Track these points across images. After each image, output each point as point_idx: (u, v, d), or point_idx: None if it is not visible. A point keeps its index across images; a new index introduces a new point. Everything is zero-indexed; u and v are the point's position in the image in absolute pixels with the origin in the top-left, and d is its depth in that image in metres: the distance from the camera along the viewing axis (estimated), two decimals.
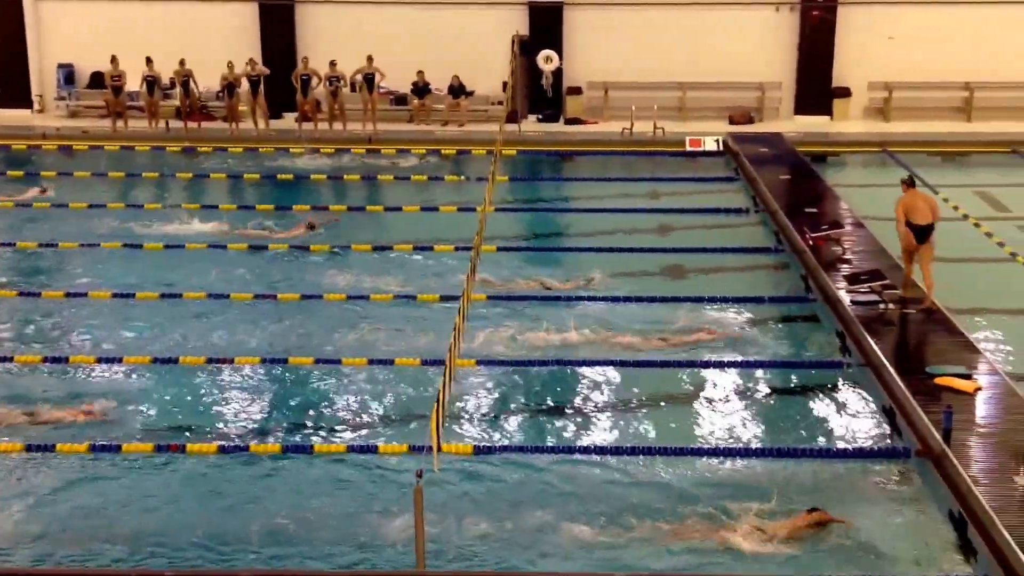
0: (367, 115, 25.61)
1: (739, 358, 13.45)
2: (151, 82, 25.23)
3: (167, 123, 25.61)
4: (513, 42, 24.40)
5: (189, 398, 12.44)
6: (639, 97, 26.07)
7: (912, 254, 14.07)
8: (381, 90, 26.31)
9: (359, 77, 25.53)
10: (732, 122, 26.45)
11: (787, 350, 13.81)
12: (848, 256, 16.21)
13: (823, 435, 11.71)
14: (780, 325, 14.63)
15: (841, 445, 11.45)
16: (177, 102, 26.01)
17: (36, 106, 27.35)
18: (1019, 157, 23.93)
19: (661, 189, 21.71)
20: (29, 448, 11.03)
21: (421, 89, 26.53)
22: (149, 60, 25.11)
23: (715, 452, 11.26)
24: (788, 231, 17.76)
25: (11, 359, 13.22)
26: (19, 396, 12.31)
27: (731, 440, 11.58)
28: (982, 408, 11.29)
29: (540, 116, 27.09)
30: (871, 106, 27.12)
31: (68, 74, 27.20)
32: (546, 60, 26.82)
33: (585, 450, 11.26)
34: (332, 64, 25.19)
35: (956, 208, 19.81)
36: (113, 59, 25.12)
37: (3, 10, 26.90)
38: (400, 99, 27.11)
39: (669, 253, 17.50)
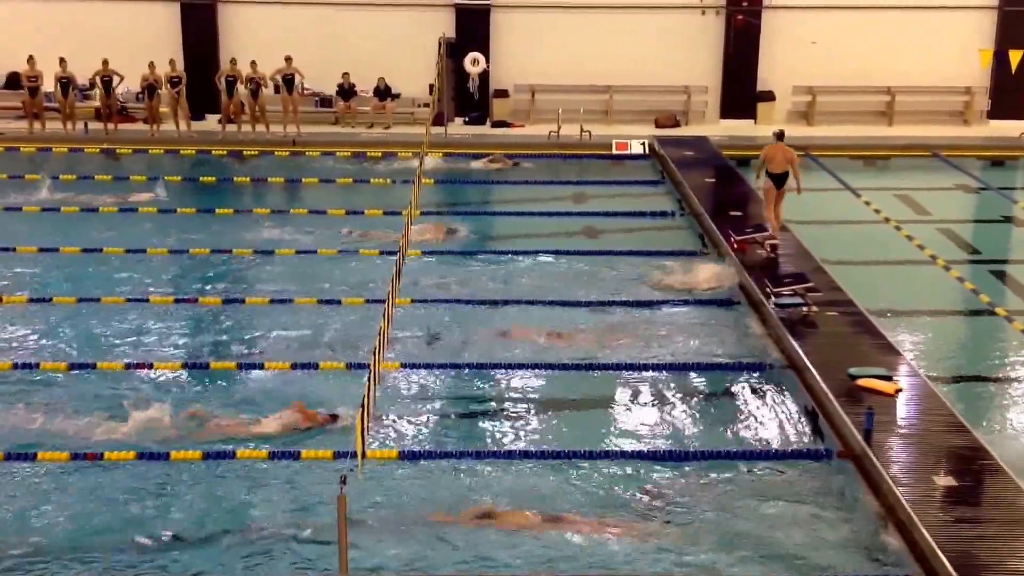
0: (287, 116, 25.30)
1: (663, 360, 13.46)
2: (65, 83, 24.65)
3: (86, 125, 25.04)
4: (440, 44, 24.29)
5: (107, 403, 12.11)
6: (566, 100, 26.15)
7: (771, 197, 17.05)
8: (305, 91, 26.03)
9: (278, 78, 25.21)
10: (658, 125, 26.61)
11: (710, 352, 13.82)
12: (772, 258, 16.31)
13: (745, 436, 11.73)
14: (703, 327, 14.66)
15: (763, 446, 11.48)
16: (96, 103, 25.43)
17: None
18: (939, 161, 24.38)
19: (587, 192, 21.73)
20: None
21: (347, 91, 26.30)
22: (62, 60, 24.52)
23: (638, 455, 11.20)
24: (713, 234, 17.85)
25: None
26: None
27: (655, 442, 11.56)
28: (903, 409, 11.39)
29: (467, 119, 27.00)
30: (795, 110, 27.50)
31: None
32: (473, 63, 26.76)
33: (509, 454, 11.17)
34: (252, 65, 24.84)
35: (878, 211, 20.12)
36: (30, 59, 24.50)
37: None
38: (325, 101, 26.84)
39: (595, 256, 17.51)
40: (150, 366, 12.94)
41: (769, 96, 27.22)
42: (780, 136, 17.51)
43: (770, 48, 27.15)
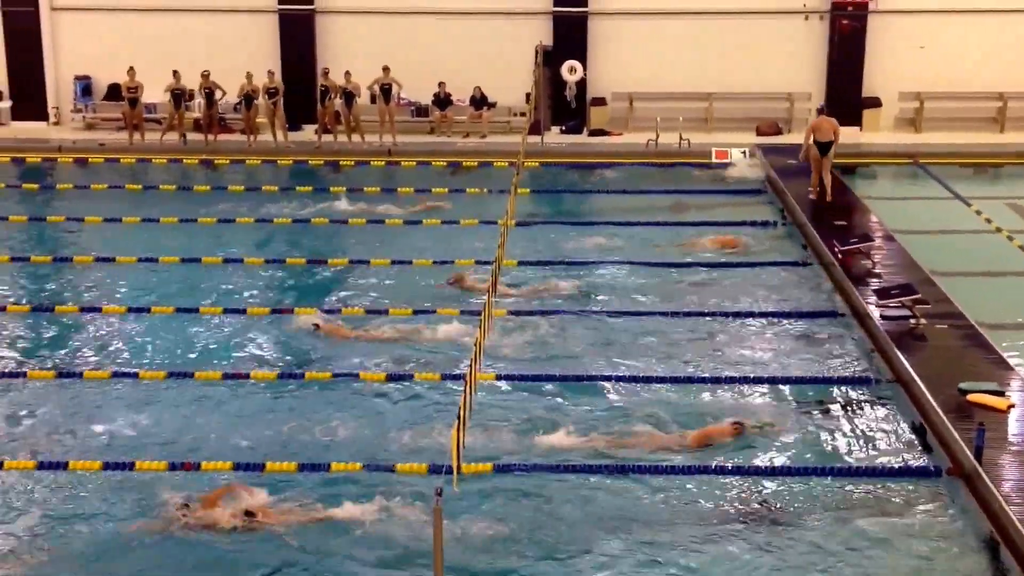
0: (384, 126, 25.34)
1: (765, 374, 13.07)
2: (177, 95, 25.02)
3: (184, 136, 25.41)
4: (537, 52, 24.08)
5: (196, 408, 12.10)
6: (665, 108, 25.74)
7: (818, 163, 19.50)
8: (401, 101, 26.09)
9: (376, 88, 25.28)
10: (760, 133, 26.07)
11: (815, 366, 13.38)
12: (878, 270, 15.81)
13: (850, 452, 11.34)
14: (808, 340, 14.22)
15: (870, 463, 11.07)
16: (196, 114, 25.79)
17: (52, 118, 27.22)
18: None
19: (686, 201, 21.33)
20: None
21: (443, 100, 26.27)
22: (176, 73, 24.90)
23: (741, 471, 10.85)
24: (817, 244, 17.36)
25: (25, 374, 12.92)
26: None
27: (758, 457, 11.19)
28: (1015, 426, 10.93)
29: (563, 128, 26.78)
30: (902, 116, 26.69)
31: (85, 86, 27.06)
32: (570, 71, 26.53)
33: (608, 469, 10.86)
34: (347, 75, 24.94)
35: (989, 221, 19.39)
36: (130, 71, 24.93)
37: (20, 22, 26.81)
38: (421, 110, 26.85)
39: (694, 267, 17.15)
40: (247, 376, 12.91)
41: (875, 102, 26.47)
42: (822, 110, 20.69)
43: (876, 53, 26.43)
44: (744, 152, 24.12)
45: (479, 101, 26.37)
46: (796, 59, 26.59)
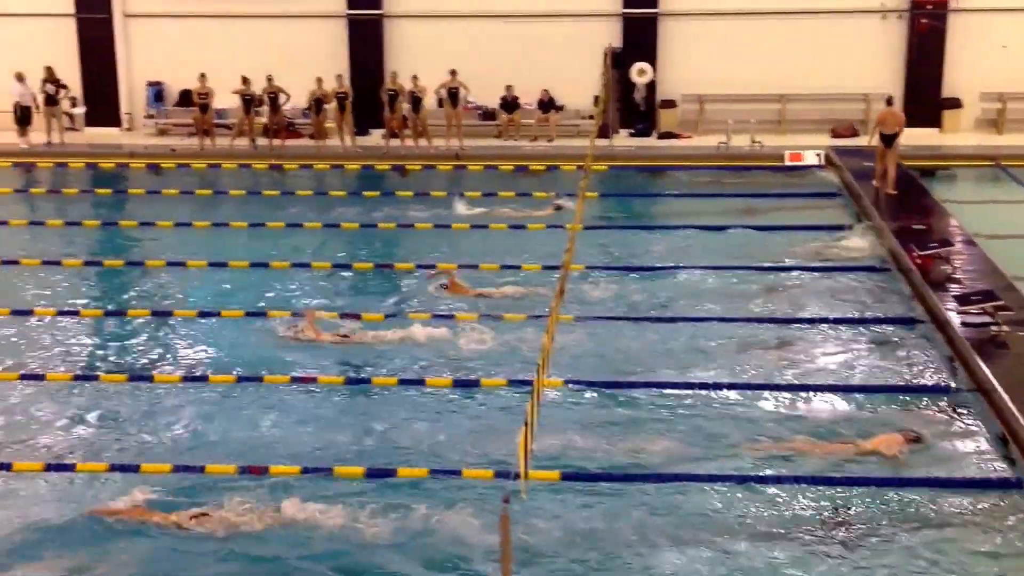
0: (450, 130, 25.27)
1: (840, 382, 12.73)
2: (247, 100, 25.20)
3: (253, 140, 25.57)
4: (605, 55, 23.83)
5: (272, 417, 12.05)
6: (736, 110, 25.41)
7: (883, 155, 20.14)
8: (468, 104, 26.00)
9: (443, 92, 25.22)
10: (835, 135, 25.60)
11: (892, 374, 12.98)
12: (958, 275, 15.36)
13: (930, 463, 10.93)
14: (885, 347, 13.81)
15: (949, 474, 10.68)
16: (264, 119, 25.96)
17: (125, 124, 27.57)
18: None
19: (758, 205, 20.95)
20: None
21: (510, 104, 26.16)
22: (245, 79, 25.09)
23: (816, 480, 10.52)
24: (895, 249, 16.93)
25: (98, 377, 12.98)
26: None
27: (835, 467, 10.85)
28: None
29: (632, 131, 26.52)
30: (983, 118, 26.05)
31: (157, 92, 27.40)
32: (639, 73, 26.27)
33: (678, 477, 10.61)
34: (414, 79, 24.92)
35: None
36: (201, 77, 25.16)
37: (94, 29, 27.21)
38: (488, 114, 26.75)
39: (767, 272, 16.80)
40: (314, 379, 12.84)
41: (955, 103, 25.83)
42: (890, 102, 21.29)
43: (956, 53, 25.84)
44: (818, 155, 23.65)
45: (547, 104, 26.21)
46: (873, 59, 26.06)
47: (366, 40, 26.96)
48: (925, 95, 25.82)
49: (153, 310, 15.31)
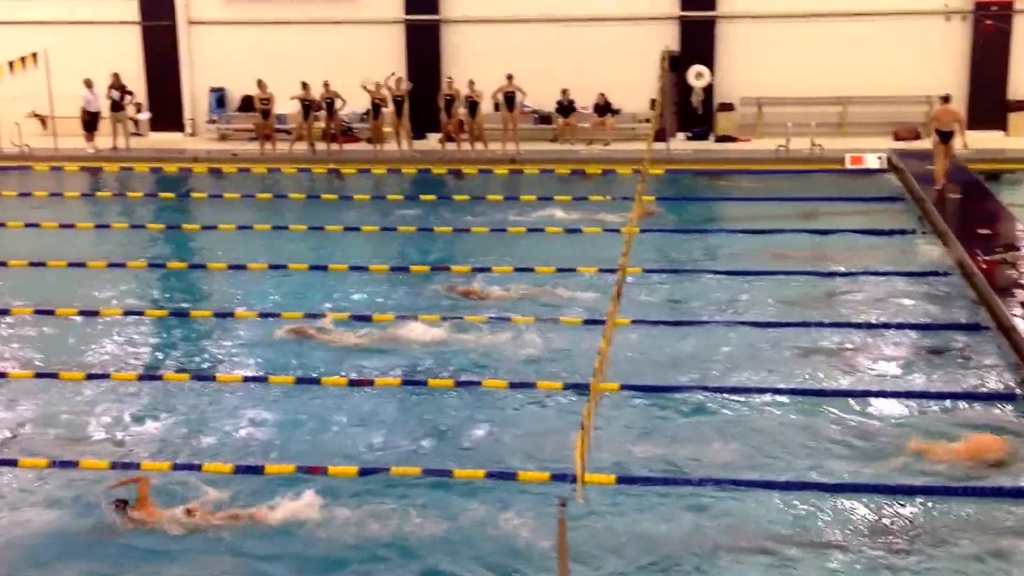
0: (507, 134, 25.32)
1: (904, 389, 12.53)
2: (307, 105, 25.47)
3: (313, 145, 25.83)
4: (662, 58, 23.76)
5: (333, 417, 12.16)
6: (795, 113, 25.17)
7: (941, 152, 20.12)
8: (524, 109, 26.05)
9: (499, 96, 25.29)
10: (897, 138, 25.29)
11: (956, 381, 12.77)
12: None
13: (997, 472, 10.67)
14: (949, 353, 13.59)
15: (1015, 483, 10.44)
16: (322, 124, 26.21)
17: (188, 129, 27.98)
18: None
19: (818, 209, 20.74)
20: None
21: (566, 108, 26.17)
22: (305, 85, 25.36)
23: (879, 489, 10.35)
24: (959, 253, 16.68)
25: (162, 377, 13.17)
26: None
27: (902, 476, 10.65)
28: None
29: (689, 134, 26.39)
30: None
31: (219, 98, 27.78)
32: (697, 76, 26.14)
33: (736, 483, 10.50)
34: (470, 84, 25.02)
35: None
36: (260, 83, 25.46)
37: (158, 36, 27.67)
38: (544, 118, 26.77)
39: (828, 276, 16.62)
40: (371, 382, 12.93)
41: (1021, 106, 25.37)
42: (947, 99, 20.86)
43: (1022, 54, 25.36)
44: (880, 158, 23.35)
45: (603, 108, 26.18)
46: (936, 61, 25.71)
47: (423, 45, 27.11)
48: (990, 97, 25.40)
49: (215, 312, 15.51)
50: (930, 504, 10.07)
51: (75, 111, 26.08)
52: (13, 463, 11.02)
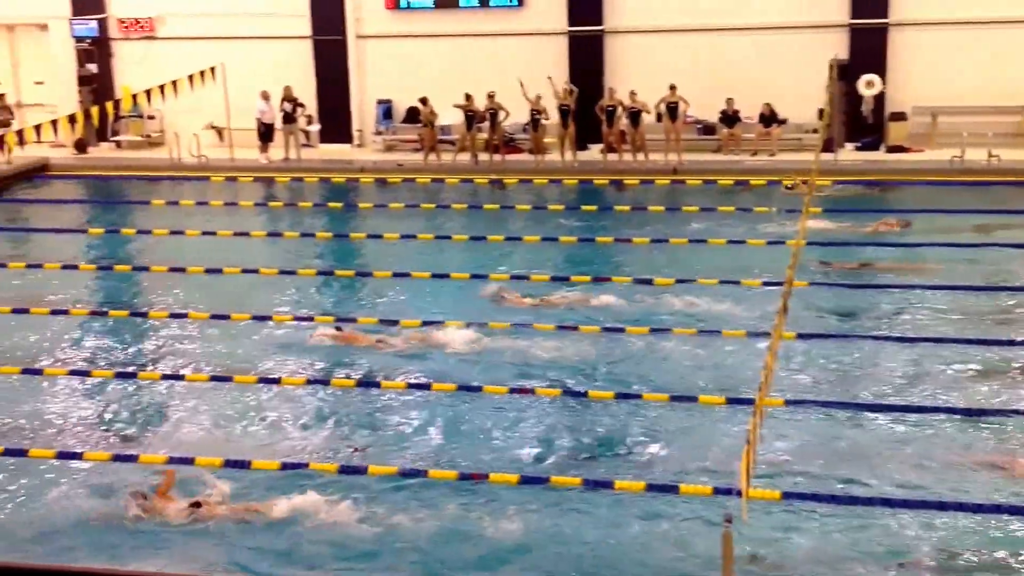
0: (670, 145, 25.14)
1: None
2: (470, 116, 25.86)
3: (475, 156, 26.17)
4: (831, 67, 23.20)
5: (489, 427, 12.30)
6: (971, 122, 24.18)
7: None
8: (688, 119, 25.80)
9: (662, 106, 25.12)
10: None
11: None
12: None
13: None
14: None
15: None
16: (485, 135, 26.52)
17: (356, 141, 28.72)
18: None
19: (995, 222, 19.88)
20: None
21: (730, 118, 25.81)
22: (468, 96, 25.74)
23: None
24: None
25: (328, 383, 13.53)
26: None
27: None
28: None
29: (859, 144, 25.68)
30: None
31: (386, 109, 28.40)
32: (867, 85, 25.43)
33: (907, 504, 10.18)
34: (632, 94, 24.92)
35: None
36: (422, 100, 25.99)
37: (328, 50, 28.45)
38: (708, 128, 26.47)
39: (1005, 292, 15.94)
40: (531, 391, 13.00)
41: None
42: None
43: None
44: None
45: (768, 118, 25.72)
46: None
47: (586, 56, 27.15)
48: None
49: (380, 319, 15.85)
50: None
51: (249, 123, 27.06)
52: (187, 461, 11.48)
